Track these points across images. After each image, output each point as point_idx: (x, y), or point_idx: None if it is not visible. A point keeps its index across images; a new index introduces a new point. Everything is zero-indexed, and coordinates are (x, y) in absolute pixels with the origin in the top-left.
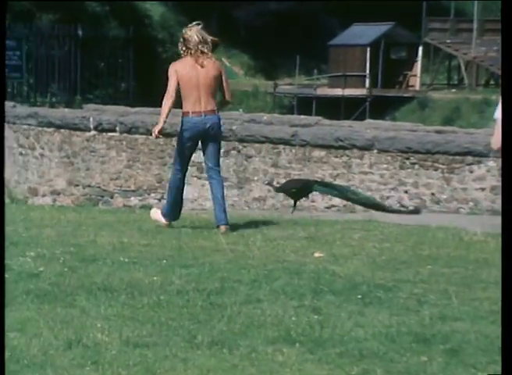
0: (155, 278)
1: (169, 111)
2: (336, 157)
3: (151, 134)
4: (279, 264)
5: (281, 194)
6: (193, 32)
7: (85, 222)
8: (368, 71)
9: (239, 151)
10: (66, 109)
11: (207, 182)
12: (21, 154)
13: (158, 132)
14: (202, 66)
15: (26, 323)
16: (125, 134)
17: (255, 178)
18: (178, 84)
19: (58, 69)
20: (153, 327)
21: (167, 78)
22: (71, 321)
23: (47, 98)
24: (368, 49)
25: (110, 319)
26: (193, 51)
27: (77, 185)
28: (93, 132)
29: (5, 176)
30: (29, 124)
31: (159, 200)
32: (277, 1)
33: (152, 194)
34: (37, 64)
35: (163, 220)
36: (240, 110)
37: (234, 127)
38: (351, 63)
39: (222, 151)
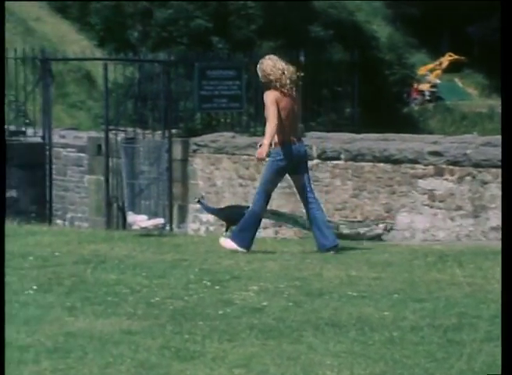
0: (387, 313)
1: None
2: None
3: (377, 162)
4: None
5: None
6: (275, 63)
7: (309, 255)
8: None
9: (474, 177)
10: None
11: (439, 211)
12: (241, 185)
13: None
14: (292, 97)
15: (251, 359)
16: (350, 162)
17: (493, 206)
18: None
19: None
20: (386, 365)
21: (263, 105)
22: (298, 357)
23: None
24: None
25: (340, 356)
26: (280, 84)
27: (301, 217)
28: (316, 160)
29: None
30: (249, 154)
31: (388, 231)
32: None
33: (380, 225)
34: (257, 93)
35: (238, 247)
36: (475, 133)
37: (468, 152)
38: None
39: (455, 177)
